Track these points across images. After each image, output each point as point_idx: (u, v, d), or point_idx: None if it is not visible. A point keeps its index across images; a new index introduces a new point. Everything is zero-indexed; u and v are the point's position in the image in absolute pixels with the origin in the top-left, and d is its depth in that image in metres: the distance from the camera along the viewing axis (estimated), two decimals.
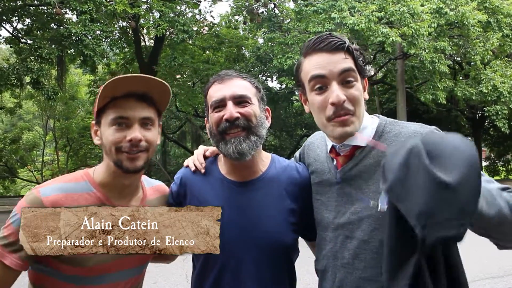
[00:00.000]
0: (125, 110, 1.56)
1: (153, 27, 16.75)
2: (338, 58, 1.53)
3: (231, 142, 1.68)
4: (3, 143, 24.92)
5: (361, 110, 1.56)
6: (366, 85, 1.63)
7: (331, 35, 1.56)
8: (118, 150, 1.55)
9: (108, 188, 1.63)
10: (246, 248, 1.68)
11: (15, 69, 14.70)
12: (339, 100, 1.49)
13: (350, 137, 1.58)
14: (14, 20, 17.57)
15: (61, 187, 1.57)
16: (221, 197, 1.74)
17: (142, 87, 1.58)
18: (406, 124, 1.61)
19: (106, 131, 1.57)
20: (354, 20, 13.72)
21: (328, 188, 1.69)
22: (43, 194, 1.51)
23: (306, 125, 26.80)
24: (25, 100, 24.24)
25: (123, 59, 22.25)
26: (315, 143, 1.88)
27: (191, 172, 1.86)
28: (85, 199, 1.56)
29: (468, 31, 15.80)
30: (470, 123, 26.45)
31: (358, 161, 1.60)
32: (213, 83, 1.79)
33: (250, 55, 21.29)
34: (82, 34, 14.11)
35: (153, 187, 1.84)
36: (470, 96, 17.38)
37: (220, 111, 1.71)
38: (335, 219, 1.63)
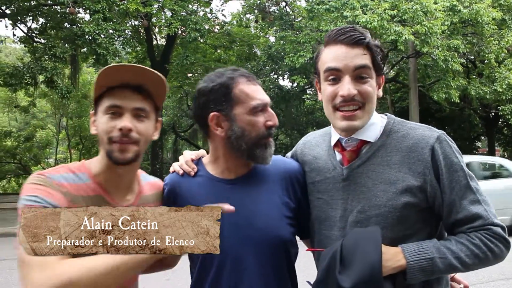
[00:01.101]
0: (118, 98, 1.55)
1: (165, 25, 16.80)
2: (356, 53, 1.53)
3: (269, 147, 1.70)
4: (17, 141, 25.21)
5: (371, 106, 1.57)
6: (382, 82, 1.64)
7: (354, 28, 1.56)
8: (109, 140, 1.54)
9: (103, 180, 1.61)
10: (243, 245, 1.65)
11: (29, 68, 14.87)
12: (348, 94, 1.52)
13: (358, 131, 1.60)
14: (28, 20, 17.76)
15: (62, 175, 1.55)
16: (211, 196, 1.67)
17: (137, 77, 1.55)
18: (414, 126, 1.62)
19: (100, 119, 1.57)
20: (366, 19, 13.64)
21: (332, 185, 1.67)
22: (51, 176, 1.51)
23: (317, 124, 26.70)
24: (39, 98, 24.49)
25: (135, 58, 22.37)
26: (312, 141, 1.86)
27: (178, 177, 1.81)
28: (84, 190, 1.56)
29: (482, 28, 15.62)
30: (483, 122, 26.17)
31: (366, 159, 1.60)
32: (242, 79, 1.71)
33: (261, 54, 21.28)
34: (95, 33, 14.22)
35: (149, 183, 1.82)
36: (484, 94, 17.20)
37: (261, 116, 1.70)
38: (342, 217, 1.63)
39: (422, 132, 1.57)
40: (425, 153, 1.52)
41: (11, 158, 25.03)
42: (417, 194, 1.52)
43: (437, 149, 1.52)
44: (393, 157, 1.56)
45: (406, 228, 1.54)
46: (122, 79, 1.54)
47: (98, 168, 1.62)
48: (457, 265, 1.48)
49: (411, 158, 1.54)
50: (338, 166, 1.67)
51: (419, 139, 1.55)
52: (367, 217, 1.56)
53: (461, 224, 1.53)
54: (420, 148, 1.53)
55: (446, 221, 1.57)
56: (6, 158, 24.99)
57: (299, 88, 22.41)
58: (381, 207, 1.54)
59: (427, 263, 1.45)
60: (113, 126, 1.53)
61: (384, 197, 1.54)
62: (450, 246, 1.49)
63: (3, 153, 24.59)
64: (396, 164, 1.55)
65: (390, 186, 1.54)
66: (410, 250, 1.47)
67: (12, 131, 26.22)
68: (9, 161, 25.24)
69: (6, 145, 24.78)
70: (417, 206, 1.53)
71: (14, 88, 15.75)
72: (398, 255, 1.47)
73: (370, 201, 1.56)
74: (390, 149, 1.58)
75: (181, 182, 1.79)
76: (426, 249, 1.47)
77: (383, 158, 1.57)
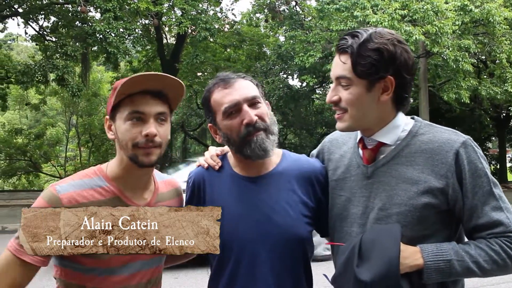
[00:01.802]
0: (141, 105, 1.59)
1: (175, 24, 16.85)
2: (338, 62, 1.60)
3: (255, 142, 1.69)
4: (28, 139, 25.40)
5: (356, 110, 1.59)
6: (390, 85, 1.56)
7: (350, 33, 1.59)
8: (134, 145, 1.59)
9: (121, 182, 1.67)
10: (261, 242, 1.69)
11: (41, 66, 14.99)
12: (328, 100, 1.63)
13: (377, 133, 1.64)
14: (40, 18, 17.90)
15: (76, 183, 1.61)
16: (233, 192, 1.76)
17: (158, 85, 1.61)
18: (441, 129, 1.63)
19: (121, 126, 1.61)
20: (377, 18, 13.57)
21: (356, 183, 1.70)
22: (59, 191, 1.56)
23: (327, 124, 26.61)
24: (49, 96, 24.68)
25: (145, 57, 22.47)
26: (339, 139, 1.90)
27: (203, 171, 1.87)
28: (100, 194, 1.61)
29: (494, 28, 15.48)
30: (494, 123, 25.95)
31: (390, 158, 1.63)
32: (216, 88, 1.76)
33: (271, 53, 21.25)
34: (106, 32, 14.32)
35: (165, 181, 1.87)
36: (494, 95, 17.04)
37: (234, 118, 1.70)
38: (363, 214, 1.66)
39: (448, 136, 1.59)
40: (449, 156, 1.54)
41: (21, 155, 25.20)
42: (438, 196, 1.54)
43: (462, 153, 1.53)
44: (417, 158, 1.58)
45: (425, 228, 1.56)
46: (144, 86, 1.59)
47: (115, 171, 1.68)
48: (474, 269, 1.49)
49: (435, 161, 1.55)
50: (362, 164, 1.70)
51: (444, 142, 1.56)
52: (388, 214, 1.58)
53: (481, 229, 1.54)
54: (445, 152, 1.55)
55: (467, 226, 1.58)
56: (17, 155, 25.18)
57: (309, 88, 22.36)
58: (402, 206, 1.56)
59: (444, 265, 1.48)
60: (137, 132, 1.58)
61: (405, 196, 1.56)
62: (469, 250, 1.51)
63: (14, 150, 24.78)
64: (419, 165, 1.57)
65: (412, 186, 1.56)
66: (428, 250, 1.50)
67: (23, 129, 26.45)
68: (20, 158, 25.42)
69: (17, 142, 24.97)
70: (437, 208, 1.55)
71: (25, 86, 15.89)
72: (416, 254, 1.49)
73: (392, 199, 1.59)
74: (414, 150, 1.60)
75: (205, 175, 1.85)
76: (445, 250, 1.50)
77: (407, 158, 1.60)
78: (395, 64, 1.54)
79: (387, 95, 1.58)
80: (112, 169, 1.69)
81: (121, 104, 1.61)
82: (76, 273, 1.60)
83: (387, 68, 1.53)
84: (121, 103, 1.61)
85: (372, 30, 1.58)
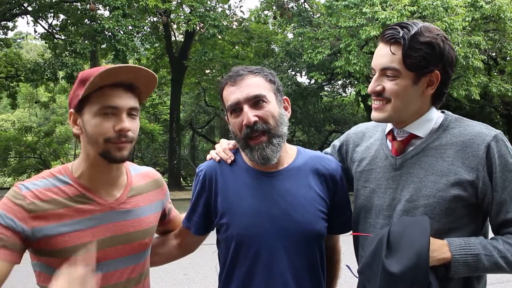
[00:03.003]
0: (113, 99, 1.52)
1: (183, 22, 16.93)
2: (385, 52, 1.57)
3: (255, 149, 1.68)
4: (38, 136, 25.56)
5: (399, 102, 1.58)
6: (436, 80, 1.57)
7: (397, 25, 1.58)
8: (106, 140, 1.52)
9: (87, 179, 1.60)
10: (278, 237, 1.68)
11: (50, 64, 15.09)
12: (370, 90, 1.61)
13: (410, 125, 1.64)
14: (49, 16, 18.01)
15: (39, 182, 1.56)
16: (249, 186, 1.74)
17: (131, 77, 1.55)
18: (472, 123, 1.63)
19: (91, 120, 1.52)
20: (386, 15, 13.52)
21: (382, 174, 1.70)
22: (23, 189, 1.52)
23: (335, 121, 26.59)
24: (58, 94, 24.82)
25: (154, 54, 22.52)
26: (365, 132, 1.89)
27: (215, 165, 1.84)
28: (63, 192, 1.56)
29: (505, 25, 15.37)
30: (504, 120, 25.73)
31: (420, 150, 1.62)
32: (226, 84, 1.75)
33: (279, 50, 21.26)
34: (114, 30, 14.39)
35: (141, 174, 1.80)
36: (505, 92, 16.92)
37: (238, 116, 1.69)
38: (390, 206, 1.65)
39: (479, 129, 1.58)
40: (481, 149, 1.52)
41: (31, 153, 25.38)
42: (467, 189, 1.53)
43: (493, 147, 1.52)
44: (447, 150, 1.58)
45: (452, 221, 1.55)
46: (117, 79, 1.53)
47: (80, 168, 1.61)
48: (502, 264, 1.48)
49: (466, 153, 1.54)
50: (390, 156, 1.69)
51: (475, 135, 1.55)
52: (415, 206, 1.58)
53: (510, 224, 1.52)
54: (476, 145, 1.54)
55: (494, 221, 1.56)
56: (27, 153, 25.35)
57: (317, 85, 22.34)
58: (430, 198, 1.55)
59: (472, 259, 1.46)
60: (109, 126, 1.51)
61: (434, 188, 1.55)
62: (497, 245, 1.49)
63: (24, 148, 24.95)
64: (450, 157, 1.56)
65: (442, 178, 1.55)
66: (456, 244, 1.49)
67: (32, 126, 26.63)
68: (29, 156, 25.60)
69: (26, 140, 25.14)
70: (465, 201, 1.54)
71: (35, 84, 16.04)
72: (444, 248, 1.48)
73: (420, 191, 1.58)
74: (445, 143, 1.59)
75: (218, 169, 1.81)
76: (473, 245, 1.48)
77: (437, 150, 1.59)
78: (443, 60, 1.56)
79: (432, 90, 1.59)
80: (77, 167, 1.62)
81: (90, 96, 1.52)
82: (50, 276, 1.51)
83: (436, 63, 1.54)
84: (90, 95, 1.52)
85: (421, 24, 1.57)
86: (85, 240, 1.53)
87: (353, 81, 21.03)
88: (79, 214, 1.54)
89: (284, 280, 1.68)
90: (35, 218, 1.49)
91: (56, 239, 1.50)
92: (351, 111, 27.12)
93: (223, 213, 1.74)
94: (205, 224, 1.83)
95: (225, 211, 1.73)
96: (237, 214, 1.71)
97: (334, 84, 26.32)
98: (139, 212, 1.69)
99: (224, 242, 1.75)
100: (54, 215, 1.51)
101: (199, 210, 1.81)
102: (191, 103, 27.82)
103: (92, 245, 1.52)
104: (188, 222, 1.85)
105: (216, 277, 1.83)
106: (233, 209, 1.72)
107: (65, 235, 1.51)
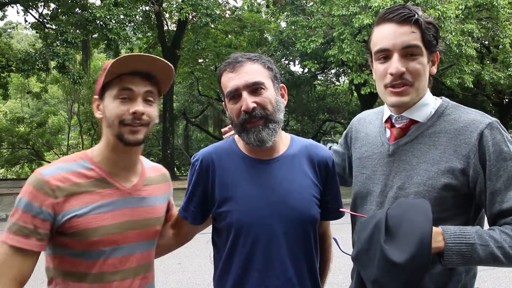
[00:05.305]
0: (130, 83, 1.62)
1: (176, 11, 16.77)
2: (405, 31, 1.55)
3: (251, 132, 1.72)
4: (30, 127, 25.41)
5: (420, 83, 1.59)
6: (436, 59, 1.64)
7: (404, 6, 1.59)
8: (121, 123, 1.61)
9: (107, 164, 1.68)
10: (277, 222, 1.72)
11: (41, 54, 14.94)
12: (397, 72, 1.55)
13: (409, 110, 1.62)
14: (40, 5, 17.79)
15: (61, 166, 1.62)
16: (246, 174, 1.78)
17: (148, 66, 1.63)
18: (468, 111, 1.62)
19: (110, 104, 1.63)
20: (379, 3, 13.43)
21: (377, 161, 1.71)
22: (45, 174, 1.57)
23: (329, 110, 26.61)
24: (50, 84, 24.63)
25: (146, 44, 22.37)
26: (366, 119, 1.91)
27: (211, 153, 1.87)
28: (85, 176, 1.63)
29: (498, 13, 15.35)
30: (496, 109, 25.85)
31: (414, 137, 1.62)
32: (224, 70, 1.79)
33: (272, 39, 21.16)
34: (106, 19, 14.25)
35: (152, 167, 1.90)
36: (498, 80, 16.96)
37: (236, 102, 1.73)
38: (382, 192, 1.67)
39: (473, 116, 1.56)
40: (473, 136, 1.50)
41: (24, 144, 25.25)
42: (458, 177, 1.51)
43: (486, 134, 1.50)
44: (440, 138, 1.57)
45: (442, 211, 1.52)
46: (134, 67, 1.61)
47: (100, 153, 1.70)
48: (499, 255, 1.41)
49: (458, 141, 1.53)
50: (386, 142, 1.70)
51: (469, 123, 1.54)
52: (406, 194, 1.58)
53: (506, 214, 1.47)
54: (469, 132, 1.52)
55: (490, 211, 1.52)
56: (19, 144, 25.21)
57: (310, 74, 22.30)
58: (420, 185, 1.55)
59: (466, 248, 1.40)
60: (125, 109, 1.61)
61: (425, 176, 1.55)
62: (494, 235, 1.43)
63: (16, 139, 24.81)
64: (442, 145, 1.55)
65: (433, 166, 1.54)
66: (451, 231, 1.43)
67: (24, 117, 26.45)
68: (22, 147, 25.47)
69: (19, 131, 24.99)
70: (456, 190, 1.52)
71: (26, 74, 15.87)
72: (439, 236, 1.42)
73: (411, 178, 1.58)
74: (439, 130, 1.58)
75: (214, 157, 1.84)
76: (468, 234, 1.43)
77: (430, 138, 1.59)
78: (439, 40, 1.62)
79: (435, 69, 1.64)
80: (97, 152, 1.71)
81: (110, 83, 1.63)
82: (66, 257, 1.60)
83: (438, 42, 1.61)
84: (110, 82, 1.63)
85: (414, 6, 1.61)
86: (105, 223, 1.61)
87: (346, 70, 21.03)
88: (101, 198, 1.63)
89: (283, 264, 1.73)
90: (59, 203, 1.55)
91: (78, 221, 1.56)
92: (345, 100, 27.12)
93: (221, 201, 1.77)
94: (202, 213, 1.85)
95: (224, 199, 1.76)
96: (235, 202, 1.75)
97: (327, 73, 26.30)
98: (153, 200, 1.78)
99: (223, 230, 1.78)
100: (77, 198, 1.58)
101: (196, 199, 1.84)
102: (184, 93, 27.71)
103: None
104: (184, 212, 1.87)
105: (210, 266, 1.85)
106: (232, 196, 1.75)
107: (88, 217, 1.58)
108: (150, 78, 1.66)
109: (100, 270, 1.61)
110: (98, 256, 1.61)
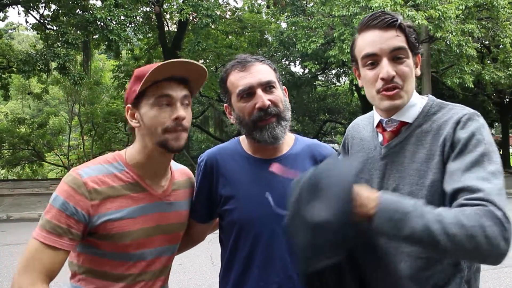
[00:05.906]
0: (168, 89, 1.62)
1: (176, 11, 16.76)
2: (390, 36, 1.57)
3: (266, 129, 1.74)
4: (31, 128, 25.40)
5: (409, 85, 1.60)
6: (418, 61, 1.67)
7: (384, 12, 1.61)
8: (164, 130, 1.60)
9: (141, 168, 1.69)
10: (278, 220, 1.71)
11: (42, 55, 14.95)
12: (388, 76, 1.55)
13: (398, 113, 1.64)
14: (41, 6, 17.80)
15: (96, 168, 1.64)
16: (249, 173, 1.81)
17: (183, 71, 1.63)
18: (452, 107, 1.63)
19: (148, 112, 1.62)
20: (379, 3, 13.44)
21: (372, 165, 1.72)
22: (82, 175, 1.58)
23: (329, 110, 26.62)
24: (51, 85, 24.63)
25: (147, 45, 22.37)
26: (360, 124, 1.92)
27: (215, 153, 1.90)
28: (120, 179, 1.64)
29: (498, 13, 15.36)
30: (497, 108, 25.85)
31: (403, 139, 1.63)
32: (234, 70, 1.81)
33: (273, 40, 21.19)
34: (107, 20, 14.25)
35: (179, 170, 1.91)
36: (498, 80, 16.97)
37: (249, 100, 1.75)
38: None
39: (455, 111, 1.58)
40: (450, 126, 1.52)
41: (24, 145, 25.23)
42: (440, 169, 1.49)
43: (461, 121, 1.50)
44: (427, 137, 1.58)
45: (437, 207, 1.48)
46: (170, 73, 1.62)
47: (135, 157, 1.70)
48: (435, 229, 1.25)
49: (439, 135, 1.54)
50: (378, 146, 1.72)
51: (449, 117, 1.56)
52: (401, 195, 1.56)
53: (457, 194, 1.37)
54: (448, 124, 1.54)
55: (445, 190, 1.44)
56: (20, 145, 25.20)
57: (311, 74, 22.31)
58: (413, 185, 1.56)
59: (399, 216, 1.28)
60: (166, 116, 1.61)
61: (416, 175, 1.56)
62: (436, 209, 1.32)
63: (17, 139, 24.80)
64: (428, 143, 1.57)
65: (422, 165, 1.56)
66: (386, 197, 1.34)
67: (25, 118, 26.44)
68: (23, 148, 25.45)
69: (19, 132, 24.99)
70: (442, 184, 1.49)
71: (27, 75, 15.86)
72: (372, 202, 1.32)
73: (404, 179, 1.59)
74: (425, 129, 1.60)
75: (218, 157, 1.88)
76: (405, 202, 1.32)
77: (418, 137, 1.60)
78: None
79: (419, 71, 1.67)
80: (132, 156, 1.71)
81: (146, 91, 1.62)
82: (93, 257, 1.63)
83: (419, 45, 1.65)
84: (146, 90, 1.62)
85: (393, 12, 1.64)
86: (136, 227, 1.63)
87: (346, 70, 21.03)
88: (134, 202, 1.64)
89: (283, 261, 1.75)
90: (95, 206, 1.57)
91: (112, 225, 1.59)
92: (345, 100, 27.15)
93: (225, 199, 1.80)
94: (208, 212, 1.89)
95: (227, 197, 1.80)
96: (238, 200, 1.79)
97: (328, 74, 26.31)
98: (180, 205, 1.80)
99: (227, 227, 1.82)
100: (113, 202, 1.60)
101: (202, 199, 1.87)
102: None
103: None
104: (192, 213, 1.90)
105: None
106: (234, 195, 1.79)
107: (121, 221, 1.60)
108: (185, 82, 1.67)
109: (127, 271, 1.65)
110: (125, 258, 1.63)
